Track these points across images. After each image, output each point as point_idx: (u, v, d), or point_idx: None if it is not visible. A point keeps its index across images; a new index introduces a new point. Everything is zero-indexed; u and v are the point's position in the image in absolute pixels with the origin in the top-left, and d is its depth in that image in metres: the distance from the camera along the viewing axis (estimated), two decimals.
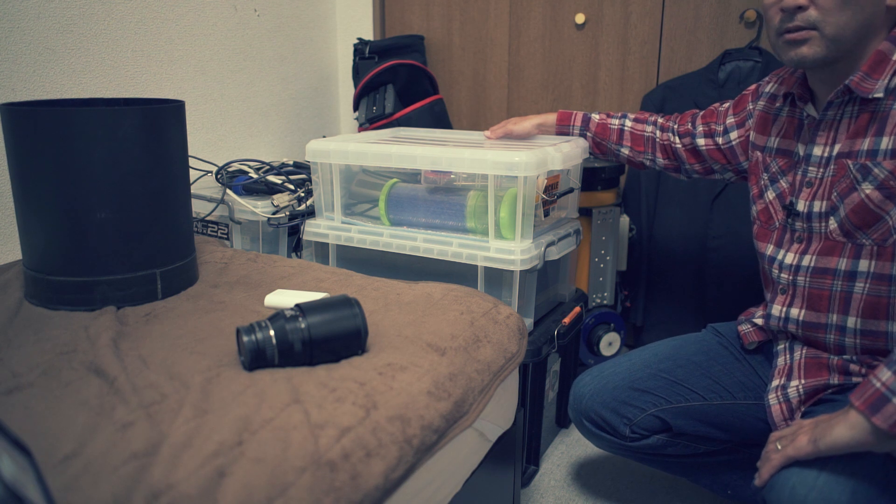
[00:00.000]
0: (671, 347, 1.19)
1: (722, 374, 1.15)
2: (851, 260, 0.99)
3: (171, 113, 1.15)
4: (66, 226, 1.09)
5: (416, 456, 0.84)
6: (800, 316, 1.06)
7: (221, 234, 1.66)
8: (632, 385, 1.11)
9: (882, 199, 0.94)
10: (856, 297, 0.99)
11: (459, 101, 2.38)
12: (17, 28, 1.46)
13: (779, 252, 1.09)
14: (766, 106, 1.16)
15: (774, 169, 1.12)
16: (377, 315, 1.10)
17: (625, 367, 1.15)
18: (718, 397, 1.13)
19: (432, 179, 1.48)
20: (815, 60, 0.96)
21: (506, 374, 1.10)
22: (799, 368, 1.07)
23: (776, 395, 1.08)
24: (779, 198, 1.10)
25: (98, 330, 1.01)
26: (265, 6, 2.13)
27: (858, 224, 0.97)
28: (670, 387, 1.12)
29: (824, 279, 1.02)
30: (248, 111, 2.12)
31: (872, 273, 0.97)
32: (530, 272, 1.37)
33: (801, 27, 0.94)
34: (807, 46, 0.95)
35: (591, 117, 1.48)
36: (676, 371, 1.14)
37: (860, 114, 0.97)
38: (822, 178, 1.02)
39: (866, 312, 0.98)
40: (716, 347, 1.20)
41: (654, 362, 1.15)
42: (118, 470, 0.68)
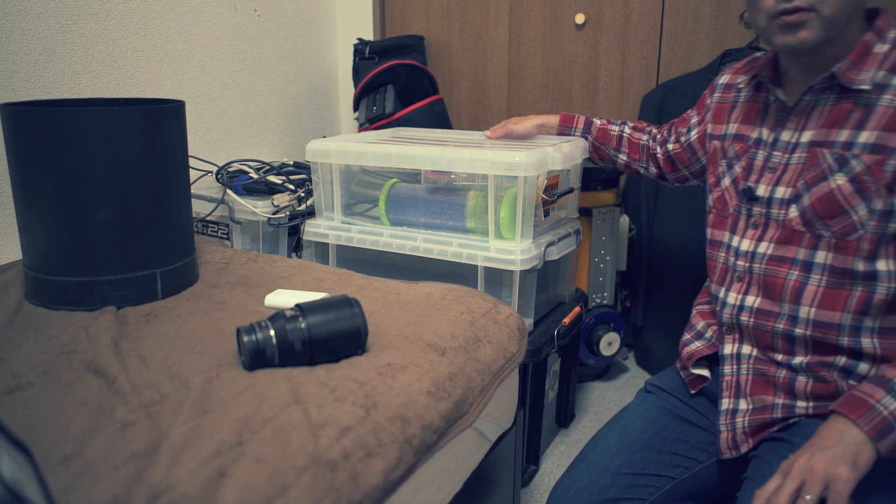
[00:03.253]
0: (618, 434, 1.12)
1: (677, 444, 1.10)
2: (809, 250, 0.97)
3: (171, 113, 1.15)
4: (66, 226, 1.09)
5: (416, 456, 0.84)
6: (755, 304, 1.03)
7: (221, 234, 1.66)
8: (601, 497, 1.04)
9: (852, 192, 0.93)
10: (810, 288, 0.97)
11: (459, 101, 2.38)
12: (17, 28, 1.46)
13: (733, 238, 1.07)
14: (721, 97, 1.16)
15: (731, 154, 1.11)
16: (377, 315, 1.10)
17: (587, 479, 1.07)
18: (685, 469, 1.08)
19: (432, 179, 1.48)
20: (813, 44, 0.94)
21: (506, 374, 1.10)
22: (746, 384, 1.05)
23: (725, 422, 1.05)
24: (734, 183, 1.09)
25: (98, 330, 1.01)
26: (265, 6, 2.13)
27: (822, 214, 0.95)
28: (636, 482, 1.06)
29: (781, 267, 1.00)
30: (248, 111, 2.12)
31: (829, 266, 0.95)
32: (530, 272, 1.37)
33: (801, 8, 0.92)
34: (806, 30, 0.92)
35: (593, 121, 1.48)
36: (635, 461, 1.07)
37: (839, 102, 0.96)
38: (787, 163, 1.00)
39: (822, 304, 0.96)
40: (659, 415, 1.13)
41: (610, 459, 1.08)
42: (118, 470, 0.68)
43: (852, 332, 0.95)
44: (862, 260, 0.93)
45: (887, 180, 0.90)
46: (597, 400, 1.98)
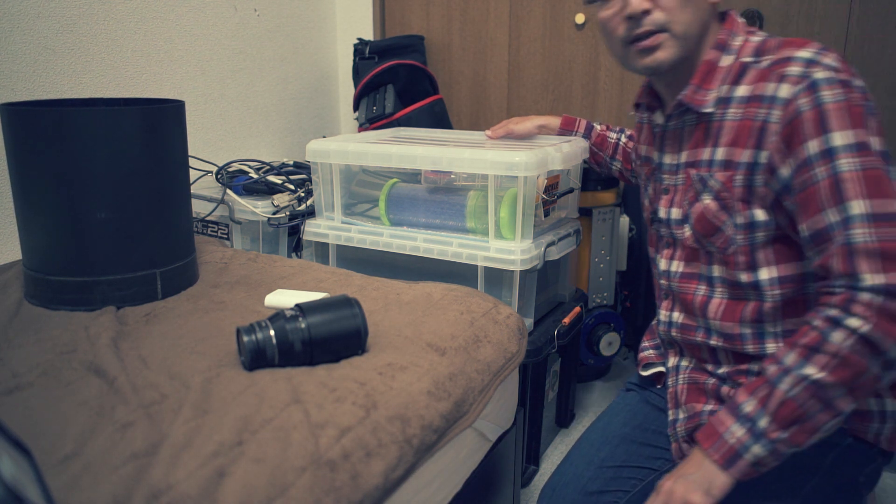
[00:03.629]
0: (601, 430, 1.15)
1: (658, 436, 1.11)
2: (707, 266, 1.00)
3: (171, 113, 1.15)
4: (66, 226, 1.09)
5: (416, 456, 0.84)
6: (679, 319, 1.06)
7: (221, 234, 1.66)
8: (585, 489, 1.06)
9: (718, 209, 0.94)
10: (714, 301, 0.99)
11: (459, 101, 2.38)
12: (17, 28, 1.46)
13: (657, 257, 1.10)
14: (639, 116, 1.17)
15: (643, 176, 1.14)
16: (377, 315, 1.10)
17: (571, 474, 1.09)
18: (665, 461, 1.09)
19: (432, 179, 1.48)
20: (671, 63, 0.94)
21: (506, 374, 1.10)
22: (682, 394, 1.06)
23: (672, 433, 1.07)
24: (649, 204, 1.12)
25: (98, 330, 1.01)
26: (265, 6, 2.13)
27: (703, 233, 0.98)
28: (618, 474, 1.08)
29: (690, 284, 1.03)
30: (248, 111, 2.12)
31: (724, 279, 0.97)
32: (530, 272, 1.37)
33: (652, 31, 0.92)
34: (661, 50, 0.93)
35: (593, 126, 1.49)
36: (617, 454, 1.10)
37: (699, 123, 0.97)
38: (675, 185, 1.03)
39: (724, 316, 0.98)
40: (640, 407, 1.16)
41: (593, 453, 1.10)
42: (118, 470, 0.68)
43: (755, 339, 0.96)
44: (744, 272, 0.94)
45: (739, 194, 0.91)
46: (597, 400, 1.98)
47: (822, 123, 0.82)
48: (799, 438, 0.82)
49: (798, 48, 0.88)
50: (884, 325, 0.77)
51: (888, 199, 0.79)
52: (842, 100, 0.82)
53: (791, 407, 0.81)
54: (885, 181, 0.80)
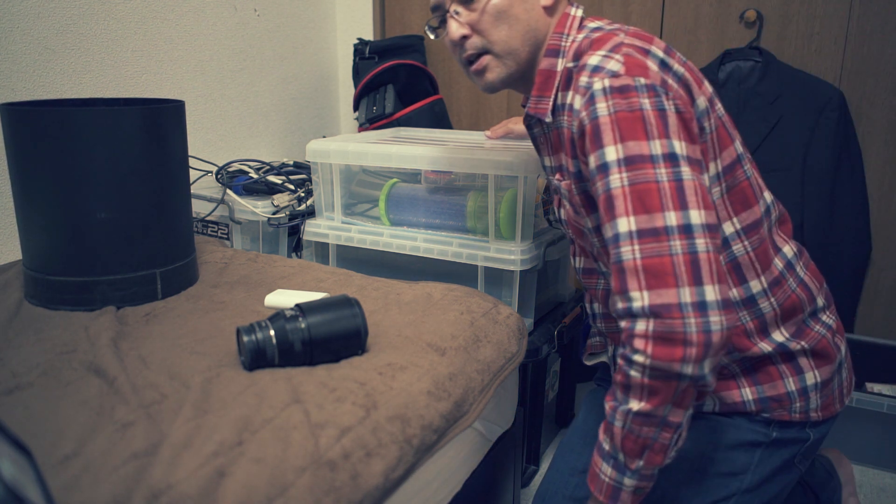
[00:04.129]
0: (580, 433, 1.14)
1: None
2: (596, 262, 1.00)
3: (171, 113, 1.15)
4: (66, 226, 1.09)
5: (416, 456, 0.84)
6: (599, 310, 1.06)
7: (221, 234, 1.66)
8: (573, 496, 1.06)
9: (574, 214, 0.95)
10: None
11: (459, 101, 2.38)
12: (17, 28, 1.46)
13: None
14: None
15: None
16: (377, 315, 1.10)
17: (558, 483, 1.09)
18: None
19: (432, 179, 1.48)
20: (503, 82, 0.94)
21: (506, 374, 1.10)
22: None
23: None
24: None
25: (98, 330, 1.01)
26: (265, 6, 2.13)
27: (574, 235, 0.99)
28: None
29: (591, 278, 1.04)
30: (248, 111, 2.12)
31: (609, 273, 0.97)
32: (530, 272, 1.37)
33: (475, 55, 0.93)
34: (489, 72, 0.94)
35: None
36: None
37: (550, 130, 0.97)
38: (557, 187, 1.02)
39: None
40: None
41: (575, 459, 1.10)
42: (118, 470, 0.68)
43: None
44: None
45: (580, 201, 0.91)
46: None
47: (597, 138, 0.81)
48: (656, 460, 0.82)
49: (593, 52, 0.85)
50: (661, 351, 0.76)
51: (653, 214, 0.77)
52: (615, 111, 0.79)
53: (632, 438, 0.82)
54: (652, 195, 0.77)
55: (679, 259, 0.76)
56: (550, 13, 0.93)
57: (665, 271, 0.75)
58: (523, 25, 0.91)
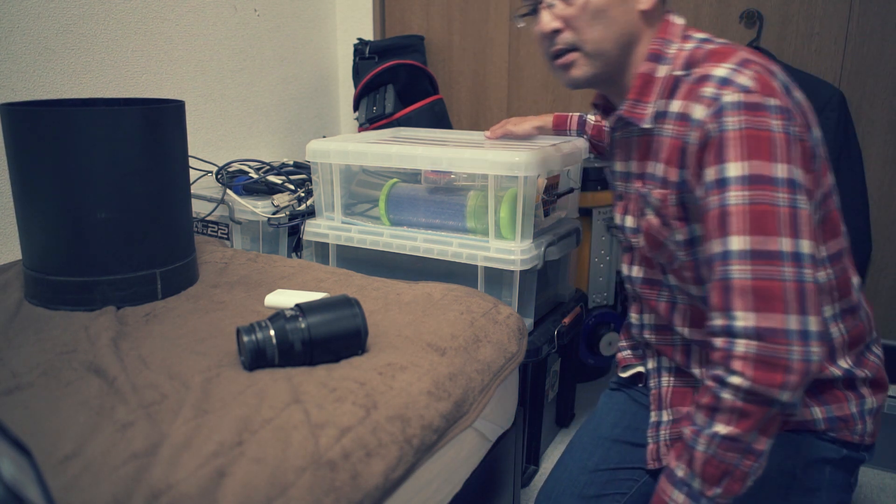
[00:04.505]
0: (592, 433, 1.14)
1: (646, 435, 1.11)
2: (664, 275, 0.98)
3: (171, 113, 1.15)
4: (66, 226, 1.09)
5: (416, 456, 0.84)
6: (651, 321, 1.05)
7: (221, 234, 1.66)
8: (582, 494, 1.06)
9: (660, 225, 0.93)
10: (680, 307, 0.98)
11: (459, 101, 2.38)
12: (17, 28, 1.46)
13: (622, 263, 1.09)
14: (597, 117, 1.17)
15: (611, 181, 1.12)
16: (377, 315, 1.10)
17: (566, 481, 1.09)
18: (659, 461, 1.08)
19: (432, 179, 1.48)
20: (588, 80, 0.94)
21: (506, 374, 1.10)
22: (667, 396, 1.05)
23: (652, 434, 1.06)
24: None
25: (98, 330, 1.01)
26: (265, 6, 2.13)
27: (651, 247, 0.96)
28: (614, 477, 1.08)
29: (652, 290, 1.02)
30: (248, 111, 2.12)
31: (678, 287, 0.96)
32: (530, 272, 1.37)
33: (564, 50, 0.92)
34: (574, 69, 0.93)
35: (586, 120, 1.44)
36: (610, 456, 1.09)
37: (642, 135, 0.95)
38: (628, 193, 1.00)
39: (692, 323, 0.97)
40: (627, 406, 1.15)
41: (586, 458, 1.10)
42: (118, 470, 0.68)
43: None
44: (692, 285, 0.93)
45: (675, 213, 0.90)
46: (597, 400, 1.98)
47: (721, 152, 0.79)
48: (734, 488, 0.82)
49: (717, 63, 0.84)
50: (762, 375, 0.76)
51: (769, 237, 0.77)
52: (744, 127, 0.78)
53: (714, 464, 0.81)
54: (770, 217, 0.77)
55: (789, 286, 0.76)
56: (647, 18, 0.92)
57: (775, 295, 0.76)
58: (619, 28, 0.90)
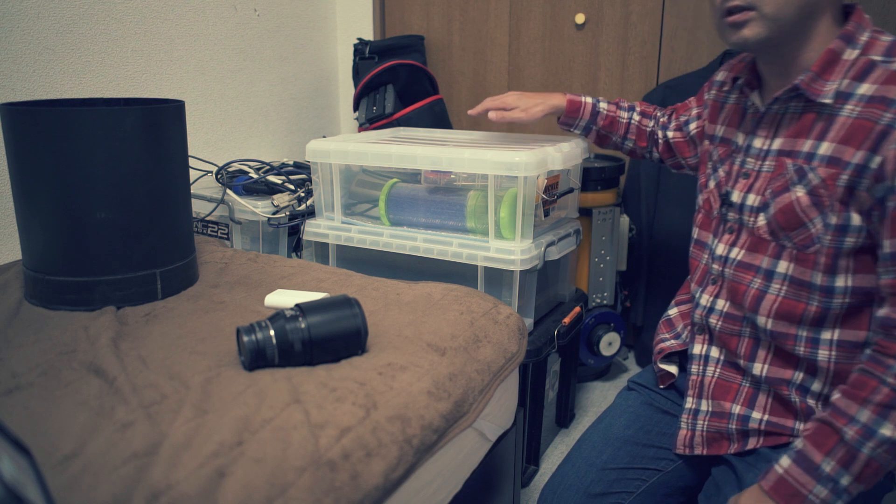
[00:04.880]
0: (603, 432, 1.13)
1: (661, 437, 1.11)
2: (772, 259, 0.97)
3: (171, 113, 1.15)
4: (66, 226, 1.08)
5: (416, 456, 0.84)
6: (724, 308, 1.04)
7: (221, 234, 1.66)
8: (587, 491, 1.06)
9: (809, 204, 0.91)
10: (769, 297, 0.97)
11: (459, 101, 2.38)
12: (17, 28, 1.46)
13: (713, 241, 1.07)
14: (716, 95, 1.14)
15: (715, 157, 1.10)
16: (377, 315, 1.10)
17: (573, 477, 1.09)
18: (670, 462, 1.09)
19: (432, 179, 1.48)
20: (757, 42, 0.92)
21: (506, 374, 1.10)
22: (709, 386, 1.05)
23: (686, 420, 1.06)
24: (717, 186, 1.08)
25: (98, 330, 1.01)
26: (265, 6, 2.13)
27: (784, 225, 0.94)
28: (622, 476, 1.08)
29: (746, 274, 1.00)
30: (248, 111, 2.12)
31: (790, 276, 0.95)
32: (530, 272, 1.37)
33: (741, 7, 0.91)
34: (748, 28, 0.92)
35: (599, 111, 1.41)
36: (620, 456, 1.09)
37: (805, 112, 0.94)
38: (759, 171, 0.99)
39: (778, 314, 0.96)
40: (641, 410, 1.15)
41: (595, 456, 1.10)
42: (118, 470, 0.68)
43: (809, 344, 0.95)
44: (820, 273, 0.92)
45: (840, 194, 0.88)
46: (597, 400, 1.98)
47: None
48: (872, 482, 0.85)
49: None
50: None
51: None
52: None
53: (874, 466, 0.83)
54: None
55: None
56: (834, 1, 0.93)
57: None
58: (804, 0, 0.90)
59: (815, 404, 0.96)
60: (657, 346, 1.18)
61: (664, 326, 1.20)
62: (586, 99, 1.40)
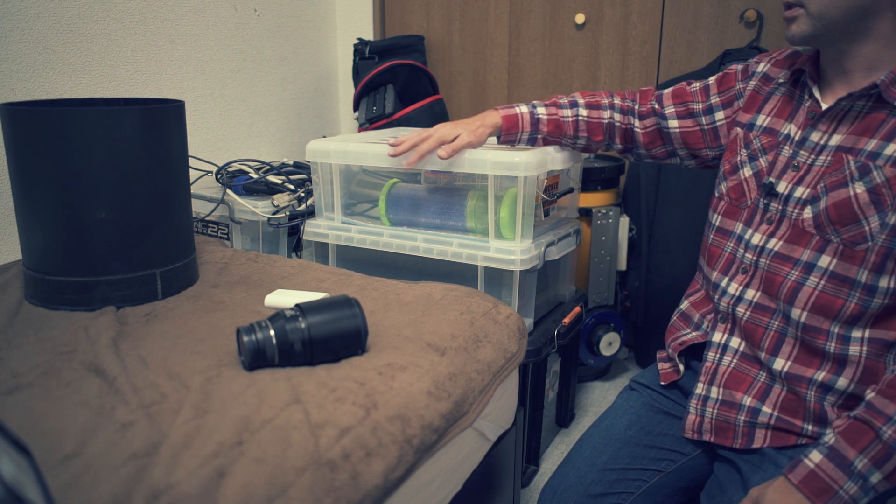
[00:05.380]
0: (603, 432, 1.13)
1: (662, 438, 1.11)
2: (814, 252, 0.97)
3: (171, 113, 1.15)
4: (66, 226, 1.09)
5: (416, 456, 0.84)
6: (754, 297, 1.03)
7: (221, 234, 1.66)
8: (587, 492, 1.06)
9: (868, 202, 0.92)
10: (806, 289, 0.97)
11: (459, 101, 2.38)
12: (17, 28, 1.46)
13: (746, 231, 1.07)
14: (757, 85, 1.14)
15: (756, 146, 1.09)
16: (377, 315, 1.10)
17: (574, 477, 1.09)
18: (671, 462, 1.09)
19: (432, 179, 1.48)
20: (802, 38, 0.97)
21: (506, 374, 1.10)
22: (723, 375, 1.05)
23: (696, 405, 1.06)
24: (755, 176, 1.08)
25: (98, 330, 1.01)
26: (265, 6, 2.13)
27: (835, 219, 0.95)
28: (623, 476, 1.08)
29: (784, 266, 1.00)
30: (248, 111, 2.12)
31: (831, 271, 0.95)
32: (530, 272, 1.37)
33: (792, 4, 0.97)
34: (795, 24, 0.97)
35: (539, 118, 1.32)
36: (620, 456, 1.09)
37: (872, 111, 0.95)
38: (811, 164, 0.99)
39: (815, 308, 0.96)
40: (643, 411, 1.15)
41: (596, 456, 1.10)
42: (118, 470, 0.68)
43: (840, 341, 0.95)
44: (866, 272, 0.92)
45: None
46: (597, 400, 1.98)
47: None
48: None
49: None
50: None
51: None
52: None
53: None
54: None
55: None
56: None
57: None
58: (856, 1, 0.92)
59: (830, 408, 0.96)
60: (678, 341, 1.16)
61: (681, 321, 1.18)
62: (521, 109, 1.32)
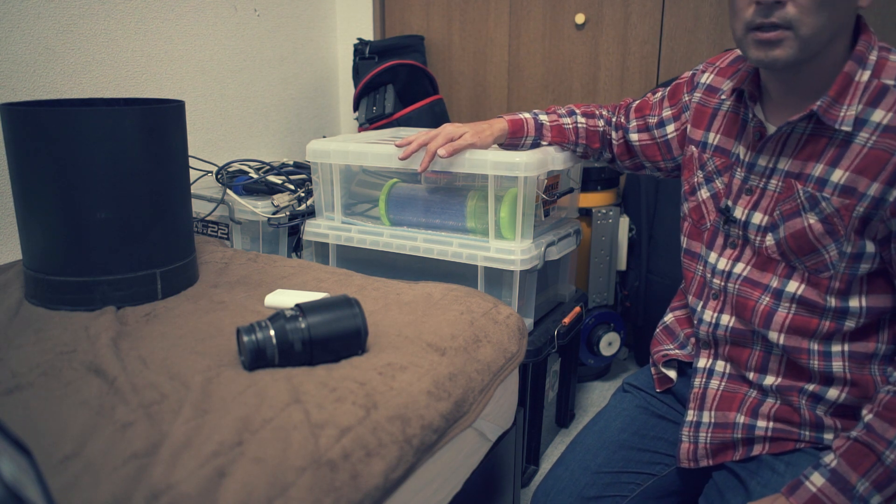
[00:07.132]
0: (597, 435, 1.11)
1: (656, 442, 1.10)
2: (782, 279, 0.95)
3: (171, 113, 1.15)
4: (66, 226, 1.09)
5: (416, 456, 0.84)
6: (730, 323, 1.01)
7: (221, 234, 1.66)
8: (581, 495, 1.05)
9: (823, 232, 0.90)
10: (780, 314, 0.95)
11: (459, 101, 2.38)
12: (17, 28, 1.46)
13: (710, 255, 1.04)
14: (703, 98, 1.09)
15: (711, 168, 1.05)
16: (377, 315, 1.10)
17: (567, 479, 1.07)
18: (665, 466, 1.08)
19: (432, 179, 1.48)
20: (786, 63, 0.87)
21: (506, 374, 1.10)
22: (713, 399, 1.03)
23: (687, 433, 1.05)
24: (713, 198, 1.04)
25: (98, 330, 1.01)
26: (265, 6, 2.13)
27: (795, 249, 0.93)
28: (616, 480, 1.06)
29: (754, 290, 0.98)
30: (248, 111, 2.12)
31: (800, 297, 0.94)
32: (530, 272, 1.37)
33: (777, 25, 0.85)
34: (780, 49, 0.86)
35: (542, 123, 1.34)
36: (614, 460, 1.08)
37: (815, 134, 0.91)
38: (763, 188, 0.96)
39: (791, 330, 0.95)
40: (636, 414, 1.13)
41: (590, 459, 1.08)
42: (118, 470, 0.68)
43: (822, 357, 0.94)
44: (834, 297, 0.91)
45: (855, 225, 0.87)
46: (597, 400, 1.98)
47: None
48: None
49: None
50: None
51: None
52: None
53: None
54: None
55: None
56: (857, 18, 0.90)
57: None
58: (838, 19, 0.86)
59: (823, 415, 0.96)
60: (660, 353, 1.16)
61: (664, 335, 1.18)
62: (525, 115, 1.34)
